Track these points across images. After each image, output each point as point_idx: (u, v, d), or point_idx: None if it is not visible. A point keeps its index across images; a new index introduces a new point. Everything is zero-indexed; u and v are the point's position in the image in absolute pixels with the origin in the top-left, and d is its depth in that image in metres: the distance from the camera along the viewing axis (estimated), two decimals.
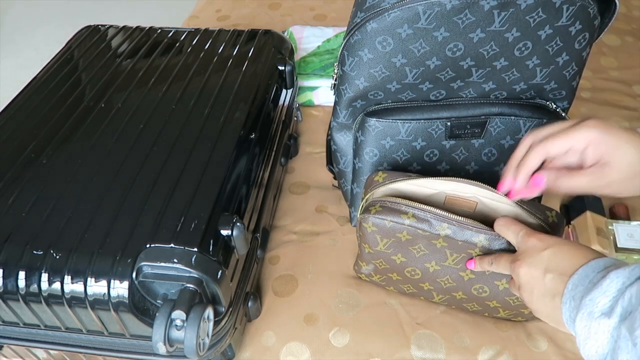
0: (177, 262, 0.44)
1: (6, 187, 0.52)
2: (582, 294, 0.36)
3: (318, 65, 0.95)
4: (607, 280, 0.35)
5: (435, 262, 0.54)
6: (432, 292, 0.59)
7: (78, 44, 0.74)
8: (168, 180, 0.52)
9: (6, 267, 0.45)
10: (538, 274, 0.41)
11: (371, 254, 0.57)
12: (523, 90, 0.59)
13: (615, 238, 0.65)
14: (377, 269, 0.59)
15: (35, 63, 0.86)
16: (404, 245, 0.54)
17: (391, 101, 0.61)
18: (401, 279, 0.59)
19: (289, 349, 0.59)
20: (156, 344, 0.42)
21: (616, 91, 0.93)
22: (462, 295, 0.57)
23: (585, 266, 0.38)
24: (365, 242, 0.56)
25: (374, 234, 0.54)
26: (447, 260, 0.53)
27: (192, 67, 0.68)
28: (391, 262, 0.57)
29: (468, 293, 0.56)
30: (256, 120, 0.62)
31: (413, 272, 0.57)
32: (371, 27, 0.52)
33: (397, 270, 0.58)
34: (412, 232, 0.52)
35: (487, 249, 0.51)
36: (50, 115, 0.60)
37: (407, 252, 0.55)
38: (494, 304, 0.56)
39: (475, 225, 0.50)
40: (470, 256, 0.52)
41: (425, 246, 0.53)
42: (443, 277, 0.56)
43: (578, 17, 0.51)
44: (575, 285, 0.37)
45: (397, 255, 0.55)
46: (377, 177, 0.57)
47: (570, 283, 0.38)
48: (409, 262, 0.56)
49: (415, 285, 0.59)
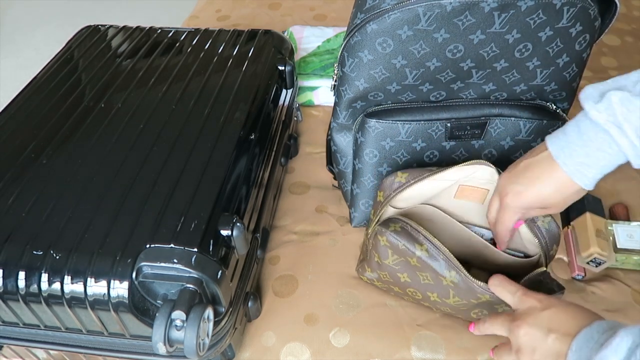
0: (177, 262, 0.44)
1: (6, 187, 0.52)
2: (588, 354, 0.36)
3: (318, 65, 0.95)
4: (617, 338, 0.34)
5: (438, 295, 0.54)
6: (431, 308, 0.60)
7: (78, 44, 0.74)
8: (168, 180, 0.52)
9: (6, 267, 0.45)
10: (540, 334, 0.41)
11: (379, 265, 0.57)
12: (523, 92, 0.59)
13: (614, 239, 0.65)
14: (380, 279, 0.60)
15: (35, 63, 0.86)
16: (412, 268, 0.54)
17: (391, 102, 0.61)
18: (402, 292, 0.59)
19: (289, 349, 0.59)
20: (156, 344, 0.42)
21: None
22: (461, 316, 0.58)
23: (588, 327, 0.38)
24: (377, 252, 0.56)
25: (385, 248, 0.54)
26: (449, 299, 0.53)
27: (192, 67, 0.68)
28: (395, 278, 0.57)
29: (467, 317, 0.57)
30: (256, 120, 0.62)
31: (415, 293, 0.57)
32: (371, 29, 0.52)
33: (399, 286, 0.58)
34: (422, 263, 0.52)
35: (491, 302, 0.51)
36: (50, 115, 0.60)
37: (413, 275, 0.54)
38: None
39: (482, 287, 0.50)
40: (472, 304, 0.52)
41: (432, 278, 0.53)
42: (443, 306, 0.56)
43: (578, 18, 0.51)
44: (580, 347, 0.37)
45: (403, 274, 0.55)
46: (398, 178, 0.56)
47: (574, 344, 0.38)
48: (412, 284, 0.55)
49: (415, 301, 0.60)
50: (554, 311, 0.41)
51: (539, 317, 0.42)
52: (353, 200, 0.69)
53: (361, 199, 0.68)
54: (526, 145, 0.63)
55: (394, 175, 0.57)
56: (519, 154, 0.64)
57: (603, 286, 0.63)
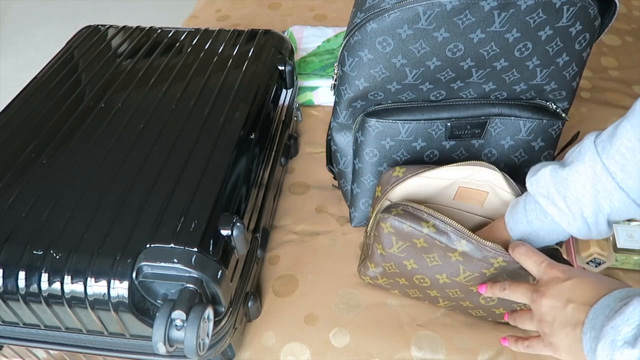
0: (177, 262, 0.44)
1: (6, 187, 0.52)
2: (602, 322, 0.36)
3: (318, 65, 0.95)
4: (630, 307, 0.34)
5: (447, 275, 0.53)
6: (439, 299, 0.59)
7: (78, 44, 0.74)
8: (168, 180, 0.52)
9: (6, 267, 0.45)
10: (560, 304, 0.41)
11: (383, 256, 0.56)
12: (523, 91, 0.59)
13: (614, 239, 0.65)
14: (385, 272, 0.59)
15: (35, 63, 0.86)
16: (419, 252, 0.53)
17: (391, 101, 0.61)
18: (408, 284, 0.58)
19: (289, 349, 0.59)
20: (156, 344, 0.42)
21: (616, 91, 0.93)
22: (468, 303, 0.57)
23: (607, 296, 0.38)
24: (380, 243, 0.55)
25: (390, 235, 0.54)
26: (459, 276, 0.53)
27: (192, 67, 0.68)
28: (401, 267, 0.56)
29: (475, 302, 0.56)
30: (256, 120, 0.62)
31: (422, 279, 0.56)
32: (371, 28, 0.52)
33: (405, 276, 0.57)
34: (429, 241, 0.51)
35: (503, 269, 0.50)
36: (50, 115, 0.60)
37: (420, 259, 0.54)
38: (500, 311, 0.56)
39: (494, 248, 0.49)
40: (483, 275, 0.52)
41: (440, 257, 0.52)
42: (452, 289, 0.55)
43: (578, 17, 0.51)
44: (596, 314, 0.37)
45: (410, 260, 0.54)
46: (396, 173, 0.56)
47: (592, 312, 0.37)
48: (419, 269, 0.55)
49: (421, 291, 0.59)
50: (576, 281, 0.41)
51: (561, 287, 0.42)
52: (353, 200, 0.69)
53: (361, 199, 0.68)
54: (526, 145, 0.63)
55: (392, 170, 0.57)
56: (519, 154, 0.64)
57: None
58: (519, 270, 0.50)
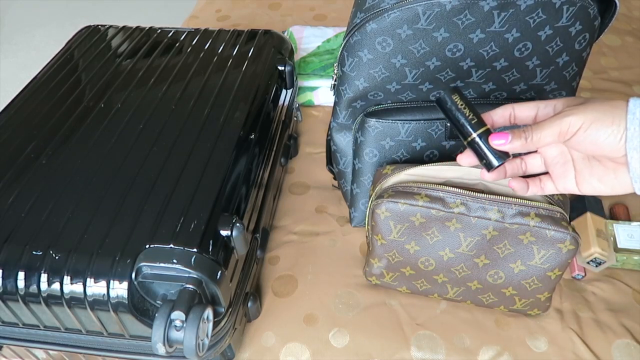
0: (177, 262, 0.44)
1: (6, 187, 0.52)
2: None
3: (318, 65, 0.95)
4: None
5: (449, 249, 0.54)
6: (447, 285, 0.59)
7: (78, 44, 0.74)
8: (168, 180, 0.52)
9: (6, 268, 0.45)
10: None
11: (384, 246, 0.57)
12: (523, 91, 0.59)
13: (615, 239, 0.65)
14: (390, 264, 0.59)
15: (35, 63, 0.87)
16: (418, 230, 0.54)
17: (391, 102, 0.61)
18: (414, 273, 0.58)
19: (289, 349, 0.59)
20: (155, 345, 0.42)
21: (616, 91, 0.93)
22: (477, 284, 0.57)
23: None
24: (378, 233, 0.56)
25: (387, 221, 0.54)
26: (462, 246, 0.54)
27: (192, 67, 0.68)
28: (404, 253, 0.56)
29: (483, 282, 0.56)
30: (256, 120, 0.62)
31: (427, 262, 0.56)
32: (371, 28, 0.52)
33: (410, 263, 0.57)
34: (426, 214, 0.53)
35: (501, 226, 0.52)
36: (50, 115, 0.60)
37: (420, 238, 0.55)
38: (510, 292, 0.56)
39: (487, 198, 0.51)
40: (484, 238, 0.53)
41: (439, 231, 0.53)
42: (457, 265, 0.55)
43: (578, 17, 0.51)
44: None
45: (411, 243, 0.55)
46: (385, 170, 0.58)
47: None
48: (422, 250, 0.55)
49: (429, 280, 0.59)
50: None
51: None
52: (353, 200, 0.69)
53: (361, 199, 0.68)
54: None
55: (383, 167, 0.59)
56: None
57: (603, 286, 0.63)
58: (518, 233, 0.51)
